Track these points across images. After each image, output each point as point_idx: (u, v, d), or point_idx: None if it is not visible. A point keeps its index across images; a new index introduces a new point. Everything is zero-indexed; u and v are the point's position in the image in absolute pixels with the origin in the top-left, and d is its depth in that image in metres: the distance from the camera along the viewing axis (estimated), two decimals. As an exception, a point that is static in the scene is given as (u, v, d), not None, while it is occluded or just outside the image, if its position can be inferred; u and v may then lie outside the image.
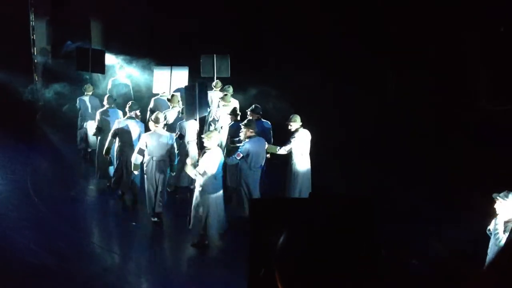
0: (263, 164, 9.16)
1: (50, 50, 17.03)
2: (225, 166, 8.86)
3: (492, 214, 5.77)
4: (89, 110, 11.87)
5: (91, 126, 11.28)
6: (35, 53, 16.28)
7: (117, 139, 9.78)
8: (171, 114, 10.59)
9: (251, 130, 8.73)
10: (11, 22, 15.33)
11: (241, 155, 8.65)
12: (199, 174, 7.99)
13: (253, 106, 10.14)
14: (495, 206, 5.70)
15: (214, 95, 12.00)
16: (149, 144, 8.94)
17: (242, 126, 8.93)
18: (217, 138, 8.28)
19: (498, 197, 5.66)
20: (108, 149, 9.90)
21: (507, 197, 5.62)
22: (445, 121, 11.73)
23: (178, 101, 10.73)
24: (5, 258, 7.77)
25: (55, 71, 16.58)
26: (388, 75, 12.95)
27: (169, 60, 13.04)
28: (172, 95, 11.04)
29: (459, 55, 11.58)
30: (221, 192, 8.27)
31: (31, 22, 15.87)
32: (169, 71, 12.35)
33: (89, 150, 12.04)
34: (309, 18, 13.53)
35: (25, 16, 15.66)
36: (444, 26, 11.48)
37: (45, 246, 8.16)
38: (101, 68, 12.80)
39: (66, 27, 16.26)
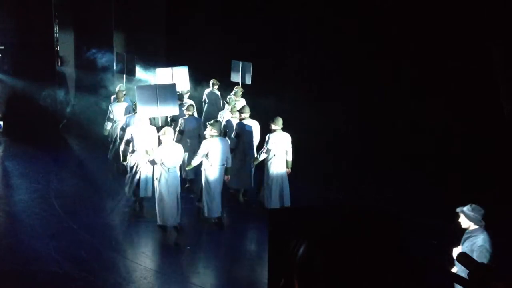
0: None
1: (73, 60, 17.31)
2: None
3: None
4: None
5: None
6: (59, 64, 16.56)
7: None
8: None
9: (214, 130, 9.15)
10: (36, 34, 15.60)
11: (201, 154, 9.12)
12: (148, 161, 8.76)
13: (241, 106, 10.62)
14: (459, 220, 5.54)
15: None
16: (136, 138, 9.53)
17: (208, 125, 9.39)
18: (172, 133, 8.91)
19: (462, 211, 5.51)
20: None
21: (470, 210, 5.46)
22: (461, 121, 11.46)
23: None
24: (28, 266, 7.85)
25: (77, 80, 16.89)
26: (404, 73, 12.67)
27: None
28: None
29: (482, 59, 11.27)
30: (175, 186, 8.72)
31: (55, 34, 16.14)
32: (170, 70, 12.86)
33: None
34: (308, 17, 13.54)
35: (49, 27, 15.91)
36: (459, 25, 11.18)
37: (68, 255, 8.24)
38: (133, 71, 13.76)
39: (89, 37, 16.56)
